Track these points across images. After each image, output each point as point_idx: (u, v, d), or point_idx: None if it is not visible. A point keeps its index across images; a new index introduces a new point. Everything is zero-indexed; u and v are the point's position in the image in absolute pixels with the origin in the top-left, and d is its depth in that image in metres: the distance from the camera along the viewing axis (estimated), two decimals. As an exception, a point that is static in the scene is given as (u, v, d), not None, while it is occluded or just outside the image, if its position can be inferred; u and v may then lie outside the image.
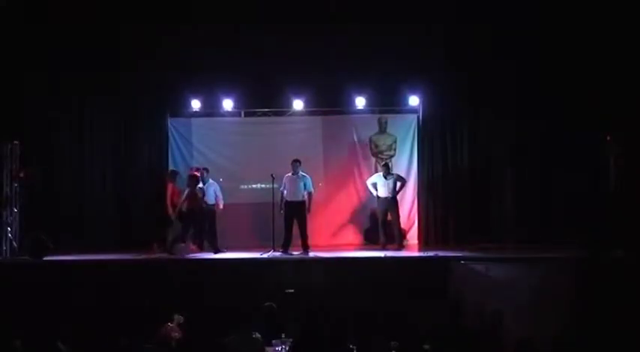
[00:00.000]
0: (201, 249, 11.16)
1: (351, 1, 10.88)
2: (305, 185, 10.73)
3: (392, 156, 12.21)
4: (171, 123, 12.36)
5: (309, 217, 10.86)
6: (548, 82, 11.35)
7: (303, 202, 10.70)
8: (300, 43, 11.57)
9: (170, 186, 11.32)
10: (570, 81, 11.20)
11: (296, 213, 10.67)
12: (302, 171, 10.79)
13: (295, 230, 10.71)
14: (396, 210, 11.35)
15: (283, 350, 6.42)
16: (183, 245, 10.85)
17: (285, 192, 10.76)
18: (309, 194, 10.76)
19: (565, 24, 10.85)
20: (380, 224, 11.43)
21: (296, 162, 10.77)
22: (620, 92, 10.96)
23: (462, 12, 10.95)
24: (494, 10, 10.85)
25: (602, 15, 10.62)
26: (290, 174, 10.75)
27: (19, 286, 9.27)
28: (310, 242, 10.78)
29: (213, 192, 11.27)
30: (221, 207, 11.33)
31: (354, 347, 6.14)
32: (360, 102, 12.15)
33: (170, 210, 11.11)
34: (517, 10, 10.80)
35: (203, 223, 11.11)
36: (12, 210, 10.87)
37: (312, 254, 10.45)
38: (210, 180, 11.36)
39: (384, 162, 11.77)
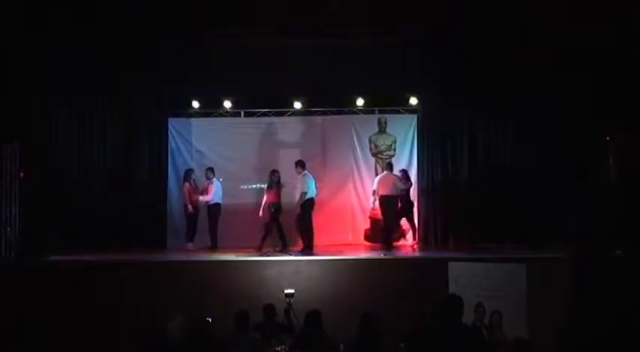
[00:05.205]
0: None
1: (352, 1, 10.90)
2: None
3: (391, 156, 12.23)
4: (171, 123, 12.37)
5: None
6: (547, 81, 11.36)
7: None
8: (300, 42, 11.58)
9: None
10: (570, 81, 11.21)
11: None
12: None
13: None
14: (395, 210, 11.35)
15: (283, 350, 6.43)
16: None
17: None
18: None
19: (565, 23, 10.85)
20: (380, 223, 11.43)
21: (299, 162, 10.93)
22: (619, 92, 10.96)
23: (463, 12, 10.95)
24: (494, 10, 10.86)
25: (602, 15, 10.62)
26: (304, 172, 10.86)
27: (19, 287, 9.26)
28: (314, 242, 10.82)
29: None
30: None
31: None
32: (360, 102, 12.17)
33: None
34: (517, 10, 10.80)
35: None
36: (12, 210, 10.87)
37: (311, 254, 10.45)
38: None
39: (387, 161, 11.79)
